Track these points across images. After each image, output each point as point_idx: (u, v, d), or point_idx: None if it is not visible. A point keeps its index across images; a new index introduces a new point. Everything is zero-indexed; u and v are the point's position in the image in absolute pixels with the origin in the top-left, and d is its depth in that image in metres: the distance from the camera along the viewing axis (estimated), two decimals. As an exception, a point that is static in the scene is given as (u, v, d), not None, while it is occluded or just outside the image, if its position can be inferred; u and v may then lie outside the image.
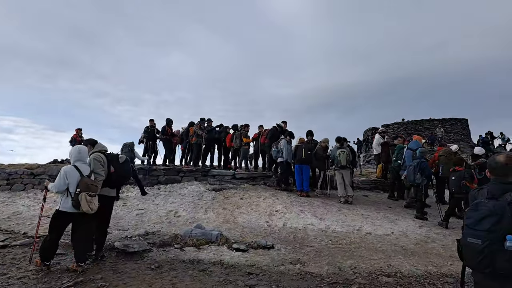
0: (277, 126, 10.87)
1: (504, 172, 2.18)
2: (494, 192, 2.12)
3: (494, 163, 2.26)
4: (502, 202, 2.02)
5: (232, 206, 8.09)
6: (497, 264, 1.94)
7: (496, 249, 1.94)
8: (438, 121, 26.92)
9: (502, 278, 1.98)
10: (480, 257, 2.01)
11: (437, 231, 7.08)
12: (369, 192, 10.77)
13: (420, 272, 4.74)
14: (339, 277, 4.46)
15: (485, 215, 2.03)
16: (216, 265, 4.81)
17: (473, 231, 2.08)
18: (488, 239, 1.98)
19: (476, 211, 2.12)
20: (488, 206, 2.05)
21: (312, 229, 6.91)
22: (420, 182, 7.93)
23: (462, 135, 26.47)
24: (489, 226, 1.99)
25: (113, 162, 4.88)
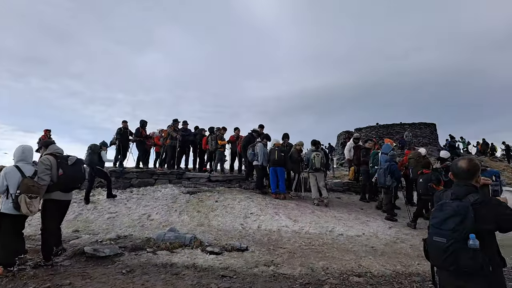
0: (252, 132, 10.92)
1: (466, 176, 2.29)
2: (458, 194, 2.23)
3: (456, 168, 2.37)
4: (465, 203, 2.12)
5: (207, 209, 8.05)
6: (461, 262, 2.03)
7: (459, 247, 2.04)
8: (408, 125, 27.93)
9: (466, 276, 2.08)
10: (445, 255, 2.10)
11: (406, 231, 7.33)
12: (342, 194, 11.00)
13: (389, 272, 4.90)
14: (312, 278, 4.54)
15: (449, 215, 2.13)
16: (189, 268, 4.77)
17: (439, 230, 2.17)
18: (453, 238, 2.07)
19: (441, 211, 2.21)
20: (453, 206, 2.15)
21: (286, 231, 6.99)
22: (390, 184, 8.20)
23: (431, 139, 27.54)
24: (453, 225, 2.09)
25: (62, 165, 4.69)
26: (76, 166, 4.88)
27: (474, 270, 2.02)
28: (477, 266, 2.01)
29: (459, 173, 2.33)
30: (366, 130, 29.12)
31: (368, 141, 11.19)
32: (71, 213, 7.76)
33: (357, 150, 11.01)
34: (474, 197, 2.14)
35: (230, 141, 11.52)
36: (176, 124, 11.62)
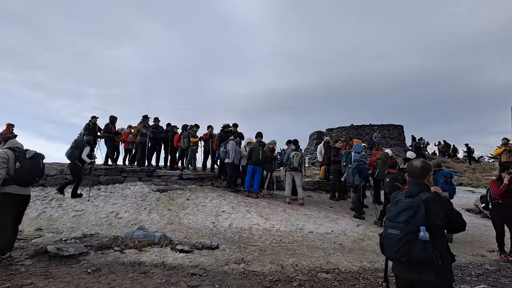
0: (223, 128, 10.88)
1: (420, 175, 2.48)
2: (411, 192, 2.40)
3: (412, 168, 2.56)
4: (417, 200, 2.29)
5: (178, 207, 7.95)
6: (413, 253, 2.15)
7: (411, 239, 2.16)
8: (377, 126, 28.81)
9: (419, 269, 2.21)
10: (398, 246, 2.21)
11: (373, 229, 7.57)
12: (313, 193, 11.20)
13: (356, 268, 5.05)
14: (281, 275, 4.59)
15: (403, 209, 2.28)
16: (158, 267, 4.70)
17: (393, 223, 2.31)
18: (405, 230, 2.20)
19: (396, 206, 2.37)
20: (406, 201, 2.31)
21: (257, 228, 7.02)
22: (358, 184, 8.42)
23: (398, 140, 28.56)
24: (405, 218, 2.23)
25: (19, 158, 4.54)
26: (35, 160, 4.73)
27: (425, 261, 2.14)
28: (428, 257, 2.13)
29: (414, 172, 2.52)
30: (337, 130, 29.77)
31: (338, 141, 11.45)
32: (33, 210, 7.42)
33: (328, 150, 11.24)
34: (426, 194, 2.31)
35: (202, 139, 11.42)
36: (146, 120, 11.37)
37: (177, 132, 11.86)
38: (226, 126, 11.02)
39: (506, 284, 4.67)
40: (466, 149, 25.02)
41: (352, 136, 26.06)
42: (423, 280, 2.23)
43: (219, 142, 10.39)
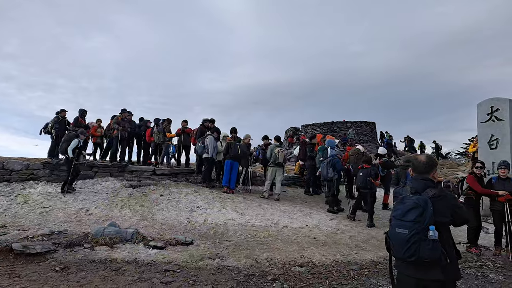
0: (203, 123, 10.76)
1: (425, 170, 2.42)
2: (417, 188, 2.34)
3: (416, 162, 2.49)
4: (424, 197, 2.23)
5: (151, 203, 7.79)
6: (421, 252, 2.11)
7: (420, 238, 2.12)
8: (350, 123, 29.46)
9: (425, 268, 2.18)
10: (407, 246, 2.16)
11: (346, 223, 7.72)
12: (288, 188, 11.28)
13: (329, 261, 5.14)
14: (256, 269, 4.60)
15: (411, 207, 2.22)
16: (130, 263, 4.59)
17: (400, 222, 2.25)
18: (414, 229, 2.15)
19: (403, 203, 2.31)
20: (413, 199, 2.25)
21: (232, 224, 7.00)
22: (332, 176, 8.54)
23: (371, 136, 29.32)
24: (414, 217, 2.17)
25: None
26: None
27: (434, 260, 2.12)
28: (436, 257, 2.10)
29: (419, 167, 2.45)
30: (312, 126, 30.16)
31: (314, 137, 11.58)
32: (-4, 208, 7.05)
33: (303, 146, 11.35)
34: (432, 191, 2.26)
35: (177, 134, 11.23)
36: (124, 114, 11.04)
37: (150, 126, 11.60)
38: (206, 120, 10.90)
39: (471, 274, 4.89)
40: (434, 145, 25.99)
41: (327, 132, 26.44)
42: (430, 279, 2.20)
43: (198, 137, 10.26)
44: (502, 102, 8.75)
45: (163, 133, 10.82)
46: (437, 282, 2.19)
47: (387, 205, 9.76)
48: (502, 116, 8.67)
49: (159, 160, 11.44)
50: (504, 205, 5.81)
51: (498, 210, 5.93)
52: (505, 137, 8.56)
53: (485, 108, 9.02)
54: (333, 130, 28.36)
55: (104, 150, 11.46)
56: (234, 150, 9.22)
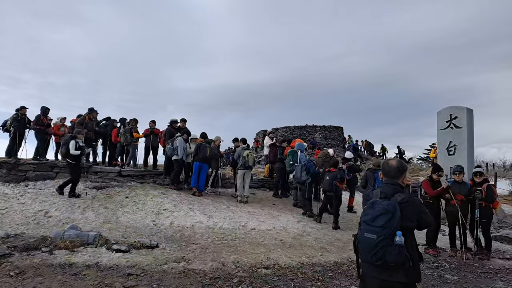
0: (171, 123, 10.59)
1: (395, 174, 2.49)
2: (387, 193, 2.41)
3: (387, 167, 2.56)
4: (393, 202, 2.31)
5: (116, 205, 7.55)
6: (387, 257, 2.19)
7: (387, 244, 2.20)
8: (319, 127, 30.17)
9: (390, 270, 2.26)
10: (374, 251, 2.24)
11: (312, 225, 7.87)
12: (257, 190, 11.33)
13: (295, 263, 5.21)
14: (222, 272, 4.59)
15: (380, 213, 2.28)
16: (91, 268, 4.43)
17: (370, 227, 2.31)
18: (382, 235, 2.22)
19: (372, 209, 2.36)
20: (383, 205, 2.31)
21: (200, 226, 6.93)
22: (305, 180, 8.65)
23: (338, 141, 30.08)
24: (383, 222, 2.24)
25: None
26: None
27: (399, 264, 2.19)
28: (401, 261, 2.19)
29: (389, 171, 2.52)
30: (282, 130, 30.57)
31: (284, 141, 11.70)
32: None
33: (273, 147, 11.43)
34: (401, 196, 2.34)
35: (145, 135, 10.96)
36: (92, 114, 10.62)
37: (117, 126, 11.26)
38: (174, 121, 10.71)
39: (429, 275, 5.12)
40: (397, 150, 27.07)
41: (296, 136, 26.88)
42: (393, 281, 2.28)
43: (167, 138, 10.06)
44: (460, 111, 9.28)
45: (130, 133, 10.52)
46: (400, 284, 2.28)
47: (352, 208, 10.04)
48: (460, 123, 9.19)
49: (125, 161, 11.13)
50: (457, 207, 6.16)
51: (452, 212, 6.27)
52: (463, 143, 9.08)
53: (445, 115, 9.52)
54: (303, 134, 28.89)
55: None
56: (203, 152, 9.13)
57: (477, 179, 6.31)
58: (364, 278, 2.46)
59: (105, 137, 11.23)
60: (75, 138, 8.04)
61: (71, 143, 7.89)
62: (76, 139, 8.02)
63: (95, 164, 10.54)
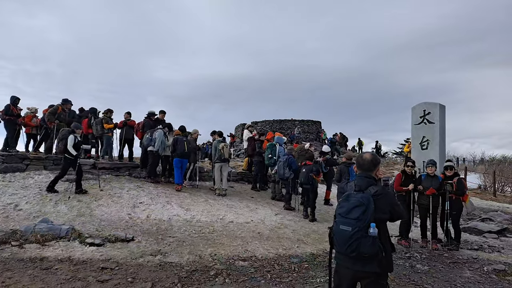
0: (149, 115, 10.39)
1: (369, 167, 2.55)
2: (361, 185, 2.47)
3: (362, 160, 2.61)
4: (367, 194, 2.37)
5: (90, 198, 7.35)
6: (362, 248, 2.24)
7: (362, 235, 2.25)
8: (298, 121, 30.46)
9: (363, 261, 2.32)
10: (349, 242, 2.28)
11: (289, 218, 7.95)
12: (235, 184, 11.32)
13: (272, 255, 5.25)
14: (199, 265, 4.57)
15: (355, 205, 2.34)
16: (63, 262, 4.32)
17: (345, 219, 2.36)
18: (357, 227, 2.27)
19: (347, 201, 2.42)
20: (357, 197, 2.37)
21: (177, 220, 6.86)
22: (288, 176, 8.69)
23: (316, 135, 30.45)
24: (357, 215, 2.30)
25: None
26: None
27: (372, 255, 2.25)
28: (375, 252, 2.25)
29: (363, 164, 2.57)
30: (261, 124, 30.66)
31: (263, 134, 11.73)
32: None
33: (252, 142, 11.44)
34: (374, 189, 2.40)
35: (117, 126, 10.66)
36: (67, 105, 10.23)
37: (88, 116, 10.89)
38: (152, 114, 10.50)
39: (400, 265, 5.28)
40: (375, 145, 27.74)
41: (275, 129, 26.98)
42: (366, 271, 2.34)
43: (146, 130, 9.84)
44: (433, 106, 9.54)
45: (101, 124, 10.21)
46: (373, 274, 2.34)
47: (328, 201, 10.20)
48: (433, 119, 9.45)
49: (100, 153, 10.85)
50: (429, 199, 6.37)
51: (424, 205, 6.48)
52: (435, 138, 9.35)
53: (419, 111, 9.77)
54: (282, 128, 29.09)
55: (39, 142, 10.58)
56: (181, 148, 8.98)
57: (448, 173, 6.54)
58: (338, 270, 2.52)
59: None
60: (73, 133, 7.79)
61: (70, 138, 7.61)
62: (74, 134, 7.77)
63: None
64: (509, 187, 18.50)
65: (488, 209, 11.04)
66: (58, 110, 9.84)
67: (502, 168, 20.77)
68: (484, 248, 6.60)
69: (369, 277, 2.36)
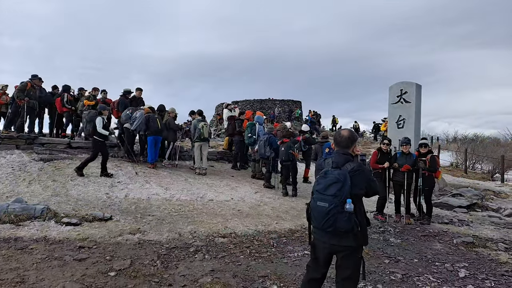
0: (124, 93, 10.09)
1: (346, 144, 2.58)
2: (338, 162, 2.50)
3: (339, 137, 2.64)
4: (344, 171, 2.41)
5: (65, 177, 7.19)
6: (338, 223, 2.32)
7: (338, 211, 2.32)
8: (278, 101, 30.48)
9: (340, 235, 2.40)
10: (326, 218, 2.35)
11: (269, 195, 8.05)
12: (216, 163, 11.32)
13: (251, 231, 5.33)
14: (178, 242, 4.60)
15: (332, 182, 2.39)
16: (39, 242, 4.24)
17: (322, 195, 2.42)
18: (333, 203, 2.34)
19: (325, 178, 2.46)
20: (334, 174, 2.41)
21: (156, 198, 6.83)
22: (269, 155, 8.72)
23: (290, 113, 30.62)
24: (334, 191, 2.35)
25: None
26: None
27: (348, 230, 2.33)
28: (350, 227, 2.32)
29: (341, 141, 2.60)
30: (242, 103, 30.50)
31: (243, 113, 11.67)
32: None
33: (232, 121, 11.38)
34: (351, 165, 2.44)
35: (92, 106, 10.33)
36: (35, 81, 9.72)
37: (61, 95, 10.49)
38: (128, 91, 10.20)
39: (375, 239, 5.48)
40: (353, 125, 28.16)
41: (256, 109, 26.92)
42: (342, 245, 2.43)
43: (121, 108, 9.56)
44: (410, 86, 9.73)
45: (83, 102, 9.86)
46: (349, 248, 2.44)
47: (307, 179, 10.36)
48: (409, 98, 9.65)
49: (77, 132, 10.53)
50: (404, 176, 6.58)
51: (398, 181, 6.69)
52: (411, 117, 9.59)
53: (396, 91, 9.94)
54: (262, 107, 29.07)
55: (9, 120, 10.14)
56: (154, 125, 8.83)
57: (422, 150, 6.75)
58: (316, 244, 2.60)
59: (51, 106, 10.48)
60: (101, 115, 7.71)
61: (98, 119, 7.57)
62: (102, 116, 7.69)
63: (41, 135, 9.90)
64: (479, 165, 19.31)
65: (459, 185, 11.52)
66: (27, 86, 9.30)
67: (473, 146, 21.57)
68: (454, 222, 6.92)
69: (345, 250, 2.46)
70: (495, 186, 12.52)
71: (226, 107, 12.54)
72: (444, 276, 4.02)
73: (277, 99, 31.08)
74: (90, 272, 3.50)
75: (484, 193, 10.20)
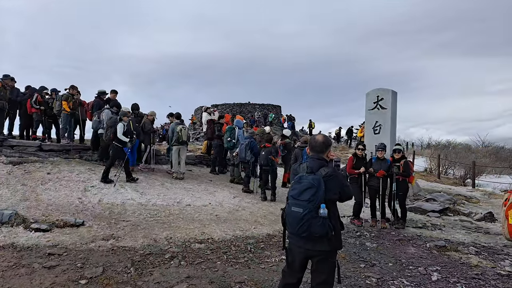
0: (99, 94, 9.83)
1: (321, 149, 2.60)
2: (313, 167, 2.52)
3: (314, 142, 2.67)
4: (318, 176, 2.43)
5: (35, 181, 6.91)
6: (312, 228, 2.34)
7: (312, 216, 2.33)
8: (258, 105, 30.59)
9: (314, 240, 2.42)
10: (300, 223, 2.36)
11: (247, 200, 8.02)
12: (194, 167, 11.20)
13: (229, 237, 5.29)
14: (154, 248, 4.49)
15: (306, 187, 2.40)
16: (6, 249, 4.05)
17: (297, 201, 2.43)
18: (307, 208, 2.35)
19: (299, 183, 2.47)
20: (309, 179, 2.43)
21: (131, 203, 6.67)
22: (250, 159, 8.69)
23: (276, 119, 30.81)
24: (309, 196, 2.37)
25: None
26: None
27: (322, 235, 2.35)
28: (325, 232, 2.34)
29: (316, 146, 2.62)
30: (222, 106, 30.45)
31: (222, 117, 11.62)
32: None
33: (211, 124, 11.31)
34: (325, 170, 2.47)
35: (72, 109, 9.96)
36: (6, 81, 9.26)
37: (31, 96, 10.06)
38: (102, 92, 9.91)
39: (351, 243, 5.55)
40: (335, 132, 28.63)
41: (236, 113, 26.95)
42: (317, 250, 2.45)
43: (95, 110, 9.28)
44: (386, 93, 9.96)
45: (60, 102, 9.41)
46: (323, 252, 2.46)
47: (286, 184, 10.41)
48: (385, 105, 9.88)
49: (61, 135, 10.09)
50: (379, 180, 6.71)
51: (373, 186, 6.82)
52: (387, 123, 9.81)
53: (372, 97, 10.16)
54: (242, 111, 29.09)
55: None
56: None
57: (396, 156, 6.91)
58: (291, 249, 2.62)
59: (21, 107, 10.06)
60: (122, 121, 7.62)
61: (119, 125, 7.54)
62: (123, 122, 7.61)
63: (11, 137, 9.49)
64: (452, 170, 19.97)
65: (432, 190, 11.87)
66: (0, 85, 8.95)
67: (446, 152, 22.31)
68: (427, 226, 7.11)
69: (320, 255, 2.48)
70: (467, 191, 12.96)
71: (205, 111, 12.46)
72: (417, 280, 4.11)
73: (256, 103, 31.19)
74: (60, 280, 3.37)
75: (456, 198, 10.54)
